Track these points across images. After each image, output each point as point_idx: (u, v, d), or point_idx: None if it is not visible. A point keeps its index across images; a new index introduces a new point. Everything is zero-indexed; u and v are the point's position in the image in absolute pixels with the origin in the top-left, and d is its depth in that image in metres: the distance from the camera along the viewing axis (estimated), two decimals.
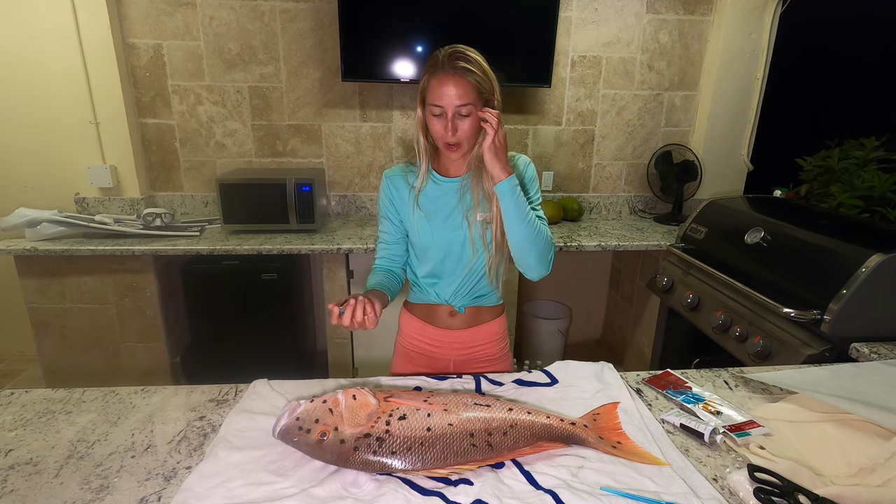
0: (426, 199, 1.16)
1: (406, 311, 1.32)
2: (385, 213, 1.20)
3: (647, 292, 2.23)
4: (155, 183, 2.47)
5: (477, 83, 1.02)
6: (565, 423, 0.88)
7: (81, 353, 2.16)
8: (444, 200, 1.15)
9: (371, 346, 2.29)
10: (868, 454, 0.80)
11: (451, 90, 1.01)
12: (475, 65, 1.02)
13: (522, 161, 1.16)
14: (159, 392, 1.00)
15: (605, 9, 2.41)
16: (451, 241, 1.15)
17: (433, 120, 1.06)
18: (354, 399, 0.86)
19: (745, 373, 1.10)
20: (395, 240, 1.21)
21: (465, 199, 1.13)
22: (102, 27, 2.14)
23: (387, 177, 1.19)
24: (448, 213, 1.15)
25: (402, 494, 0.74)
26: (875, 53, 2.24)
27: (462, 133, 1.04)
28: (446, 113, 1.02)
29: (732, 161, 2.62)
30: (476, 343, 1.26)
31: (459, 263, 1.17)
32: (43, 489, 0.74)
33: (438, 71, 1.02)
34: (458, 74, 1.00)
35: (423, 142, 1.13)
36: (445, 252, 1.17)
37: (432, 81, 1.03)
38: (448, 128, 1.03)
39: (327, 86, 2.40)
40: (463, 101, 1.01)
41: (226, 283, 2.15)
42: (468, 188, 1.13)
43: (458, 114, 1.02)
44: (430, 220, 1.15)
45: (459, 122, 1.03)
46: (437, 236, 1.15)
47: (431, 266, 1.19)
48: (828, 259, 1.38)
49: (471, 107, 1.02)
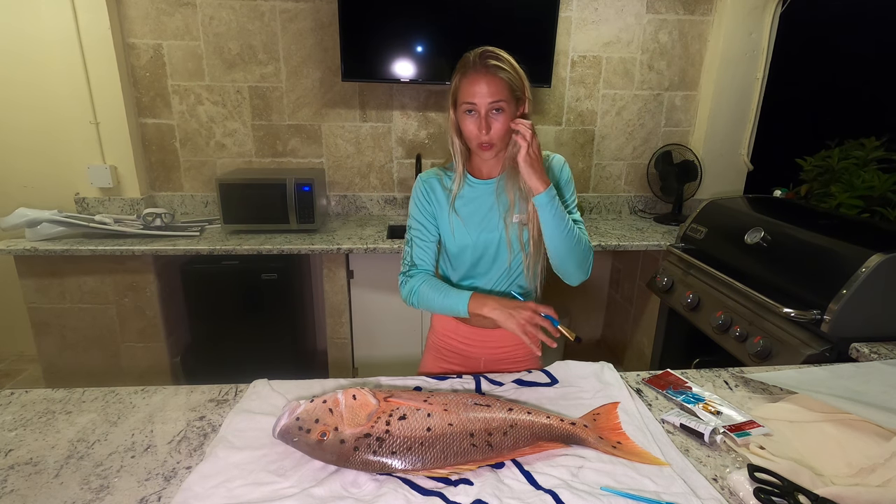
0: (462, 203, 1.15)
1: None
2: (420, 216, 1.18)
3: (647, 292, 2.23)
4: (155, 183, 2.47)
5: (509, 81, 1.02)
6: (565, 423, 0.88)
7: (81, 353, 2.16)
8: (480, 202, 1.14)
9: (371, 346, 2.29)
10: (868, 454, 0.80)
11: (483, 88, 1.01)
12: (506, 63, 1.03)
13: (557, 162, 1.16)
14: (159, 392, 1.00)
15: (605, 9, 2.41)
16: (487, 244, 1.15)
17: (466, 120, 1.06)
18: (354, 399, 0.86)
19: (745, 373, 1.10)
20: (431, 241, 1.19)
21: (502, 200, 1.13)
22: (102, 27, 2.14)
23: (422, 180, 1.18)
24: (484, 215, 1.14)
25: (402, 494, 0.74)
26: (875, 53, 2.24)
27: (495, 132, 1.04)
28: (479, 111, 1.03)
29: (732, 161, 2.62)
30: (508, 343, 1.24)
31: (494, 265, 1.17)
32: (43, 489, 0.74)
33: (470, 70, 1.03)
34: (489, 72, 1.01)
35: (459, 143, 1.12)
36: (480, 254, 1.16)
37: (464, 81, 1.03)
38: (482, 126, 1.03)
39: (327, 86, 2.40)
40: (495, 97, 1.01)
41: (226, 283, 2.15)
42: (504, 189, 1.12)
43: (491, 111, 1.03)
44: (466, 224, 1.14)
45: (493, 119, 1.03)
46: (474, 239, 1.14)
47: (465, 269, 1.19)
48: (828, 259, 1.38)
49: (503, 104, 1.02)
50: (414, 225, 1.19)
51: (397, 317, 2.23)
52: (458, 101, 1.06)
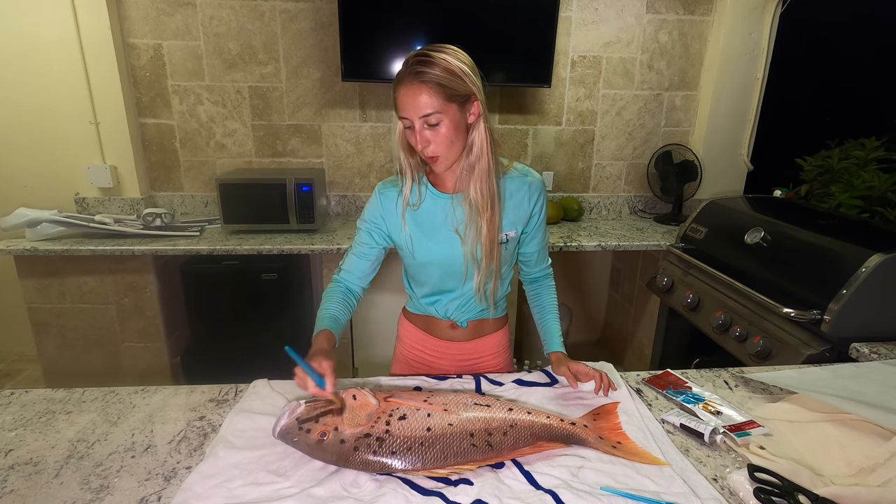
0: (421, 215, 1.07)
1: (405, 319, 1.28)
2: (369, 226, 1.11)
3: (647, 292, 2.23)
4: (155, 183, 2.47)
5: (442, 86, 0.91)
6: (565, 423, 0.88)
7: (81, 353, 2.16)
8: (438, 216, 1.07)
9: (371, 346, 2.29)
10: (868, 454, 0.80)
11: (411, 100, 0.92)
12: (437, 66, 0.91)
13: (534, 185, 1.07)
14: (159, 392, 1.00)
15: (605, 9, 2.40)
16: (451, 259, 1.08)
17: (408, 133, 0.98)
18: (354, 399, 0.86)
19: (745, 373, 1.10)
20: (369, 255, 1.12)
21: (457, 214, 1.05)
22: (102, 27, 2.14)
23: (380, 191, 1.10)
24: (444, 229, 1.07)
25: (402, 494, 0.74)
26: (875, 53, 2.24)
27: (436, 145, 0.95)
28: (413, 125, 0.94)
29: (732, 161, 2.62)
30: (478, 355, 1.23)
31: (460, 281, 1.12)
32: (43, 489, 0.74)
33: (401, 80, 0.94)
34: (417, 81, 0.91)
35: (404, 156, 1.04)
36: (445, 271, 1.10)
37: (398, 91, 0.95)
38: (417, 141, 0.95)
39: (327, 86, 2.40)
40: (427, 110, 0.92)
41: (226, 283, 2.15)
42: (459, 202, 1.05)
43: (427, 124, 0.93)
44: (426, 236, 1.08)
45: (429, 132, 0.94)
46: (437, 253, 1.08)
47: (431, 286, 1.14)
48: (828, 259, 1.38)
49: (438, 115, 0.92)
50: (358, 234, 1.13)
51: (397, 317, 2.23)
52: (397, 112, 0.97)
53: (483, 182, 0.99)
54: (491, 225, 1.02)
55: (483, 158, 0.98)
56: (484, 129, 0.98)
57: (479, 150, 0.98)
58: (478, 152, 0.98)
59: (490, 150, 0.99)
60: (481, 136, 0.98)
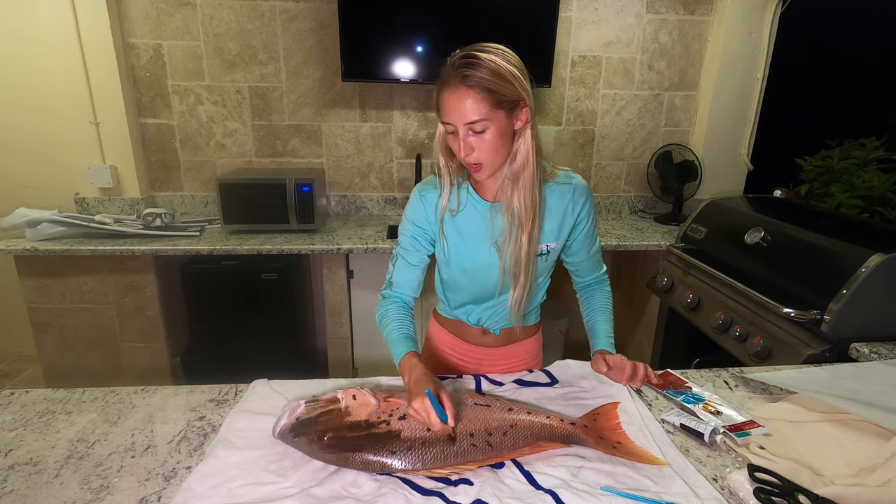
0: (461, 221, 1.02)
1: (436, 321, 1.25)
2: (413, 232, 1.05)
3: (647, 292, 2.23)
4: (155, 183, 2.47)
5: (489, 91, 0.86)
6: (565, 423, 0.88)
7: (81, 353, 2.16)
8: (479, 225, 1.02)
9: (371, 346, 2.29)
10: (868, 454, 0.80)
11: (457, 105, 0.87)
12: (484, 69, 0.85)
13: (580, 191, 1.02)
14: (159, 392, 1.00)
15: (605, 9, 2.40)
16: (487, 270, 1.04)
17: (450, 138, 0.93)
18: (354, 399, 0.86)
19: (745, 373, 1.10)
20: (419, 263, 1.07)
21: (496, 225, 1.01)
22: (102, 27, 2.14)
23: (420, 193, 1.04)
24: (482, 239, 1.03)
25: (402, 494, 0.74)
26: (875, 53, 2.24)
27: (480, 152, 0.90)
28: (457, 131, 0.90)
29: (732, 161, 2.62)
30: (509, 361, 1.21)
31: (494, 292, 1.08)
32: (43, 489, 0.74)
33: (446, 82, 0.89)
34: (463, 85, 0.86)
35: (444, 160, 0.99)
36: (480, 280, 1.06)
37: (442, 95, 0.90)
38: (460, 148, 0.90)
39: (327, 86, 2.40)
40: (473, 117, 0.87)
41: (226, 283, 2.15)
42: (499, 211, 1.00)
43: (472, 131, 0.88)
44: (464, 244, 1.03)
45: (474, 139, 0.89)
46: (473, 263, 1.04)
47: (465, 294, 1.11)
48: (828, 259, 1.38)
49: (484, 122, 0.87)
50: (402, 242, 1.07)
51: None
52: (440, 116, 0.93)
53: (527, 192, 0.94)
54: (531, 238, 0.97)
55: (528, 168, 0.93)
56: (530, 136, 0.93)
57: (524, 158, 0.93)
58: (522, 160, 0.93)
59: (535, 159, 0.94)
60: (527, 143, 0.92)
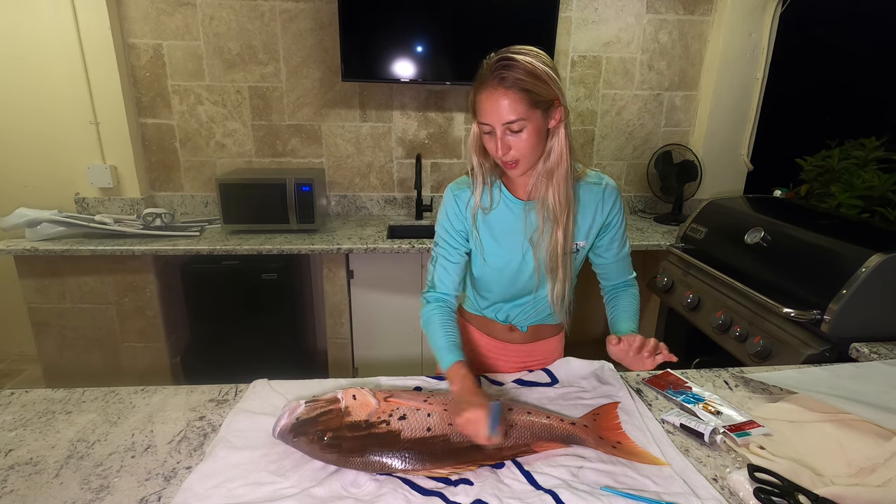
0: (493, 220, 1.04)
1: (461, 317, 1.23)
2: (450, 230, 1.06)
3: (647, 292, 2.22)
4: (155, 183, 2.47)
5: (527, 91, 0.88)
6: (565, 423, 0.88)
7: (81, 353, 2.16)
8: (512, 223, 1.04)
9: (371, 346, 2.29)
10: (868, 454, 0.80)
11: (495, 106, 0.89)
12: (521, 70, 0.88)
13: (609, 191, 1.04)
14: (159, 392, 1.00)
15: (605, 9, 2.41)
16: (521, 267, 1.06)
17: (486, 137, 0.95)
18: (354, 399, 0.86)
19: (745, 373, 1.10)
20: (459, 262, 1.08)
21: (530, 222, 1.02)
22: (102, 27, 2.14)
23: (453, 192, 1.05)
24: (516, 236, 1.04)
25: (402, 494, 0.74)
26: (874, 53, 2.24)
27: (517, 151, 0.92)
28: (495, 132, 0.92)
29: (732, 161, 2.62)
30: (533, 358, 1.21)
31: (526, 289, 1.09)
32: (43, 489, 0.74)
33: (483, 84, 0.91)
34: (502, 86, 0.88)
35: (477, 160, 1.01)
36: (513, 278, 1.08)
37: (479, 96, 0.92)
38: (497, 147, 0.93)
39: (327, 86, 2.40)
40: (511, 117, 0.89)
41: (226, 283, 2.15)
42: (533, 208, 1.01)
43: (510, 130, 0.91)
44: (497, 242, 1.05)
45: (511, 138, 0.91)
46: (506, 261, 1.06)
47: (496, 293, 1.12)
48: (828, 259, 1.38)
49: (522, 122, 0.89)
50: (440, 242, 1.09)
51: (397, 317, 2.23)
52: (476, 117, 0.95)
53: (561, 189, 0.96)
54: (566, 233, 0.99)
55: (562, 165, 0.95)
56: (564, 134, 0.95)
57: (557, 155, 0.95)
58: (556, 158, 0.95)
59: (569, 156, 0.96)
60: (561, 141, 0.95)
